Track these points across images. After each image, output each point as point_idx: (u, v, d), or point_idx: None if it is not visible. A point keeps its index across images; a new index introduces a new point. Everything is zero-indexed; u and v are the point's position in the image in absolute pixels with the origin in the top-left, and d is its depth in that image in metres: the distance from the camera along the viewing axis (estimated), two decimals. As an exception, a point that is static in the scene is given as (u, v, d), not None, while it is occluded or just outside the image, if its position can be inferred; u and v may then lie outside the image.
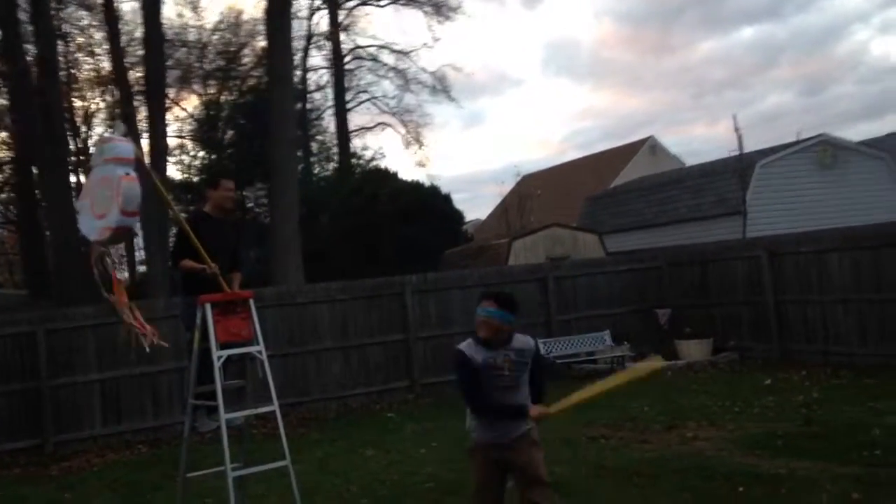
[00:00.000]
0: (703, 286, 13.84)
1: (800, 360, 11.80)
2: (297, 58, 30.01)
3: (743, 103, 70.78)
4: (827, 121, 78.64)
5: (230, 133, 31.33)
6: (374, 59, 35.05)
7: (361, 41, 35.00)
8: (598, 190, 28.83)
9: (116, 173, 5.12)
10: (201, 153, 32.41)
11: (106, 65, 28.75)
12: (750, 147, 21.45)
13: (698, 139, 70.24)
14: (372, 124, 35.90)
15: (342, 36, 33.90)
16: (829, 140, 20.88)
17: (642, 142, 35.29)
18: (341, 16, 34.22)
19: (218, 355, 5.41)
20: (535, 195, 30.22)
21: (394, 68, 34.62)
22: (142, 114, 23.18)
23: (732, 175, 20.00)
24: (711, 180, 21.39)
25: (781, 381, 10.58)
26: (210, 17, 54.20)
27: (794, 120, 75.48)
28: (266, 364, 5.65)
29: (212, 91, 33.00)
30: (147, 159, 18.99)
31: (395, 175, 28.20)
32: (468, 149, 75.03)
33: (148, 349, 5.50)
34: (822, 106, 72.82)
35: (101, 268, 5.27)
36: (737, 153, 20.48)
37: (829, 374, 10.77)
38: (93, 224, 5.19)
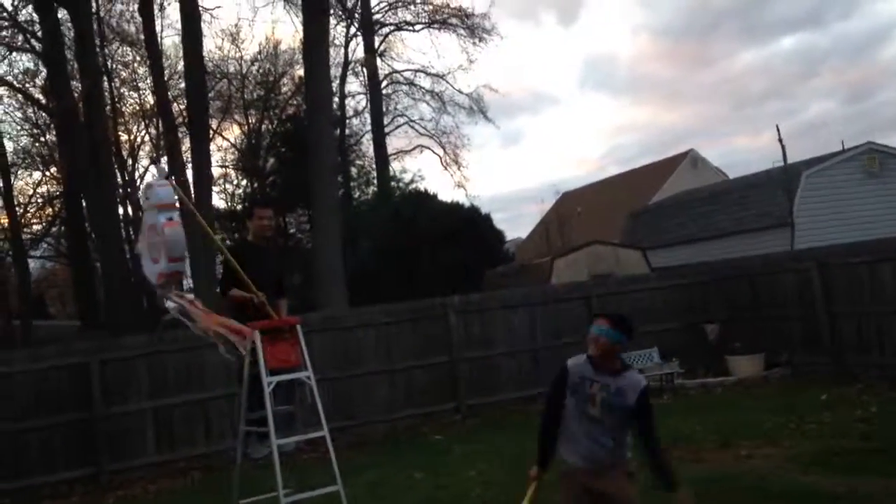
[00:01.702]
0: (752, 300, 13.59)
1: (855, 374, 11.49)
2: (335, 84, 30.40)
3: (786, 113, 69.81)
4: (873, 128, 77.10)
5: (271, 161, 31.83)
6: (411, 82, 35.40)
7: (397, 66, 35.40)
8: (638, 206, 28.59)
9: (160, 221, 5.37)
10: (244, 181, 32.98)
11: (149, 98, 29.49)
12: (794, 157, 21.15)
13: (741, 151, 69.32)
14: (410, 147, 36.18)
15: (378, 61, 34.29)
16: (875, 147, 20.48)
17: (683, 155, 34.95)
18: (377, 42, 34.64)
19: (268, 381, 5.47)
20: (575, 213, 30.10)
21: (430, 91, 34.92)
22: (185, 145, 23.69)
23: (777, 186, 19.68)
24: (756, 192, 21.08)
25: (837, 396, 10.32)
26: (249, 49, 55.27)
27: (838, 128, 74.05)
28: (315, 389, 5.70)
29: (252, 120, 33.62)
30: (192, 189, 19.32)
31: (434, 196, 28.32)
32: (507, 168, 75.18)
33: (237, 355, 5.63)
34: (867, 113, 71.39)
35: (174, 303, 5.45)
36: (781, 164, 20.17)
37: (886, 387, 10.47)
38: (151, 268, 5.49)
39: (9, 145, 28.53)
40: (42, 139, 30.32)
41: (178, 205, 5.55)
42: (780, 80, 73.89)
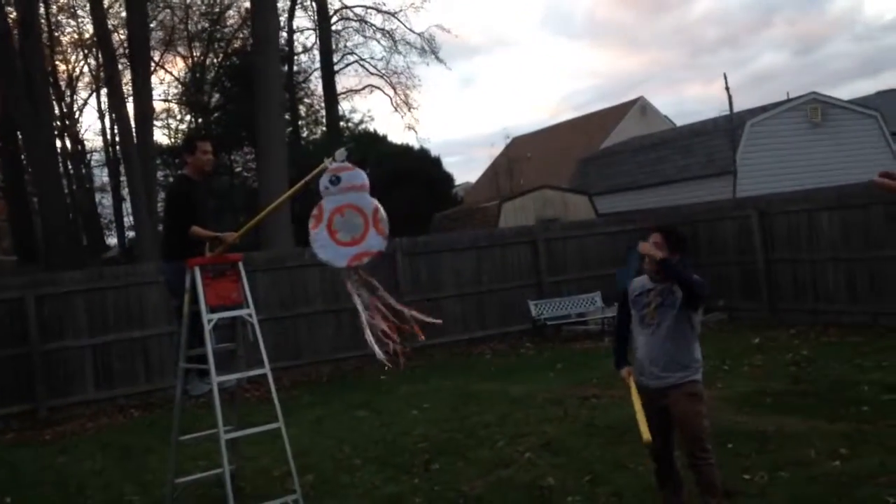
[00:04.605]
0: (693, 246, 13.83)
1: (789, 319, 11.89)
2: (283, 19, 29.59)
3: (738, 63, 70.52)
4: (821, 80, 78.53)
5: (216, 96, 31.01)
6: (362, 19, 34.56)
7: (348, 1, 34.51)
8: (588, 152, 28.72)
9: (368, 202, 5.43)
10: (188, 117, 32.13)
11: (89, 27, 28.33)
12: (744, 107, 21.37)
13: (693, 99, 70.13)
14: (360, 87, 35.52)
15: (328, -4, 33.34)
16: (819, 98, 20.82)
17: (632, 102, 35.05)
18: (327, -26, 33.63)
19: (208, 318, 5.39)
20: (524, 158, 30.12)
21: (381, 29, 34.18)
22: (126, 77, 22.87)
23: (722, 135, 19.94)
24: (701, 140, 21.33)
25: (770, 340, 10.67)
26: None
27: (788, 80, 75.44)
28: (257, 327, 5.64)
29: (197, 53, 32.59)
30: (132, 124, 18.74)
31: (384, 138, 28.03)
32: (461, 111, 74.60)
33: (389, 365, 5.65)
34: (816, 65, 72.69)
35: (363, 293, 5.42)
36: (728, 113, 20.41)
37: (817, 332, 10.87)
38: (340, 251, 5.51)
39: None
40: (-27, 67, 28.91)
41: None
42: (735, 30, 74.44)
